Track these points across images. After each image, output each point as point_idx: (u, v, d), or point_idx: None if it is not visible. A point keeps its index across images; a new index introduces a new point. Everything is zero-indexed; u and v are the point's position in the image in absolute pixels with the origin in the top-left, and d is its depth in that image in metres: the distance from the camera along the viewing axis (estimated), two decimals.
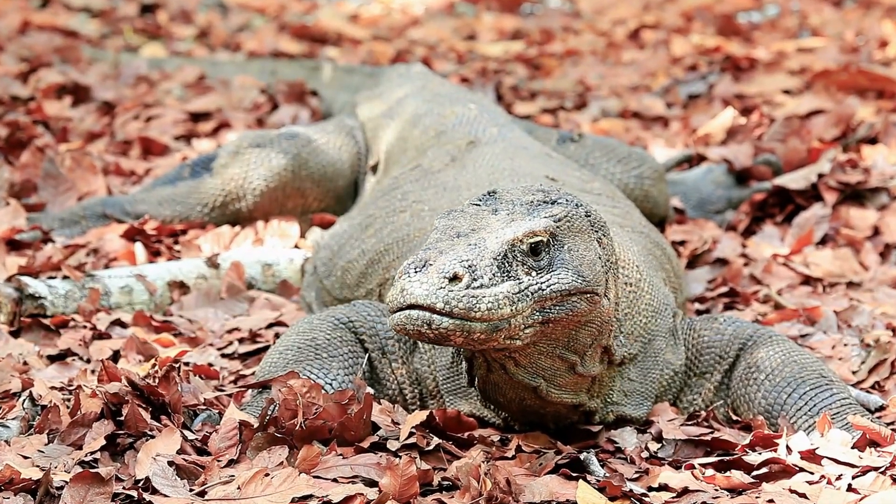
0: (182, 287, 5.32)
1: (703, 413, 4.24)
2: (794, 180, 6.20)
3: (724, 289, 5.45)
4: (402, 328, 3.65)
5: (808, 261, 5.63)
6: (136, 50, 9.63)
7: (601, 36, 10.18)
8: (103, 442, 3.85)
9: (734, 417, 4.25)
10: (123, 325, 5.00)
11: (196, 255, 5.63)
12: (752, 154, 6.57)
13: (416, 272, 3.64)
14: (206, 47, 10.01)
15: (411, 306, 3.62)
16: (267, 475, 3.63)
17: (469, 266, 3.65)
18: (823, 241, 5.88)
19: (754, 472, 3.80)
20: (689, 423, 4.19)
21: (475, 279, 3.64)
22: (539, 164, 5.17)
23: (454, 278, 3.63)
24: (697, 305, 5.37)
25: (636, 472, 3.84)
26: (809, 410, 4.11)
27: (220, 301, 5.29)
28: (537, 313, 3.73)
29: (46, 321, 4.96)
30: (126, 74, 8.55)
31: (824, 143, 6.71)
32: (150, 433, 3.89)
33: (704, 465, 3.85)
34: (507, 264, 3.71)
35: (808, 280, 5.56)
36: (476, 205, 3.91)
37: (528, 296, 3.70)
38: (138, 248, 5.65)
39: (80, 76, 8.40)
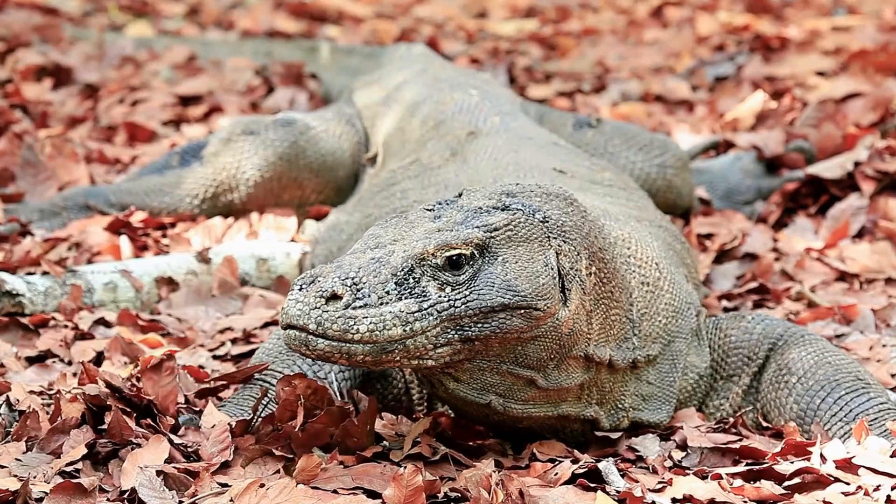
0: (170, 283, 5.32)
1: (731, 419, 4.23)
2: (829, 169, 6.19)
3: (753, 285, 5.45)
4: (288, 346, 3.72)
5: (844, 255, 5.62)
6: (122, 28, 9.64)
7: (621, 13, 10.18)
8: (84, 450, 3.84)
9: (764, 424, 4.25)
10: (107, 324, 5.00)
11: (186, 250, 5.63)
12: (784, 140, 6.57)
13: (300, 289, 3.69)
14: (197, 25, 10.02)
15: (289, 326, 3.68)
16: (262, 486, 3.63)
17: (353, 284, 3.67)
18: (860, 234, 5.87)
19: (786, 483, 3.79)
20: (716, 429, 4.19)
21: (358, 298, 3.66)
22: (546, 155, 5.17)
23: (333, 297, 3.66)
24: (725, 303, 5.36)
25: (659, 483, 3.83)
26: (845, 416, 4.10)
27: (212, 298, 5.29)
28: (452, 332, 3.73)
29: (25, 320, 4.95)
30: (110, 55, 8.56)
31: (861, 128, 6.70)
32: (134, 441, 3.89)
33: (732, 475, 3.84)
34: (411, 280, 3.72)
35: (843, 276, 5.55)
36: (429, 210, 3.94)
37: (431, 315, 3.70)
38: (123, 241, 5.65)
39: (62, 57, 8.41)
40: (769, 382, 4.26)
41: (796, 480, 3.79)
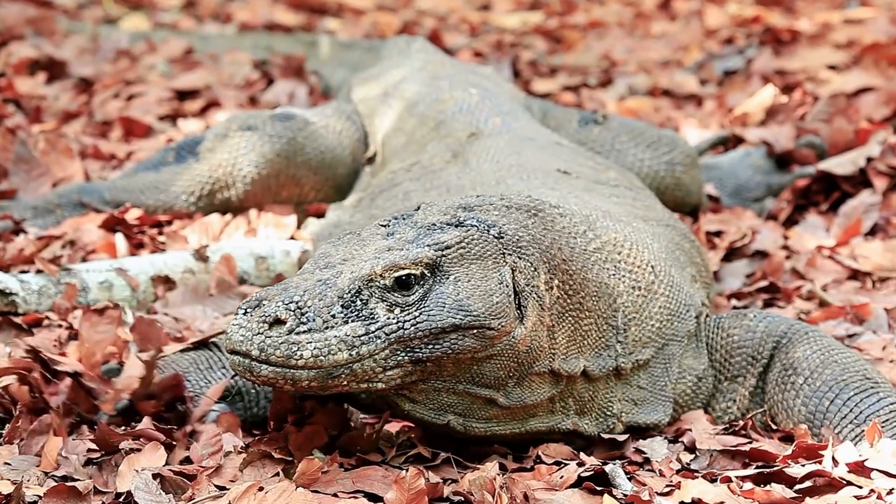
0: (167, 282, 5.32)
1: (741, 422, 4.23)
2: (841, 165, 6.18)
3: (763, 284, 5.45)
4: (234, 371, 3.75)
5: (856, 253, 5.62)
6: (117, 21, 9.64)
7: (628, 5, 10.18)
8: (59, 444, 3.86)
9: (773, 426, 4.24)
10: None
11: (182, 247, 5.63)
12: (794, 136, 6.56)
13: (244, 314, 3.70)
14: (194, 18, 10.02)
15: (233, 351, 3.69)
16: (261, 489, 3.63)
17: (297, 308, 3.67)
18: (873, 232, 5.87)
19: (797, 486, 3.79)
20: (725, 431, 4.18)
21: (302, 323, 3.67)
22: (548, 155, 5.16)
23: (277, 322, 3.67)
24: (734, 302, 5.36)
25: (667, 486, 3.83)
26: (855, 418, 4.09)
27: (209, 297, 5.29)
28: (402, 354, 3.73)
29: (18, 319, 4.95)
30: (105, 48, 8.56)
31: (874, 123, 6.69)
32: (122, 448, 3.89)
33: (742, 478, 3.84)
34: (358, 302, 3.73)
35: (855, 274, 5.54)
36: (384, 226, 3.95)
37: (378, 338, 3.71)
38: (119, 239, 5.65)
39: (55, 50, 8.40)
40: (775, 384, 4.25)
41: (807, 484, 3.79)
